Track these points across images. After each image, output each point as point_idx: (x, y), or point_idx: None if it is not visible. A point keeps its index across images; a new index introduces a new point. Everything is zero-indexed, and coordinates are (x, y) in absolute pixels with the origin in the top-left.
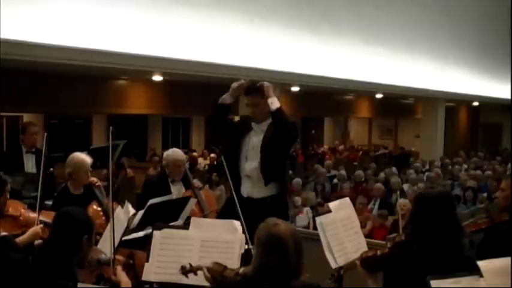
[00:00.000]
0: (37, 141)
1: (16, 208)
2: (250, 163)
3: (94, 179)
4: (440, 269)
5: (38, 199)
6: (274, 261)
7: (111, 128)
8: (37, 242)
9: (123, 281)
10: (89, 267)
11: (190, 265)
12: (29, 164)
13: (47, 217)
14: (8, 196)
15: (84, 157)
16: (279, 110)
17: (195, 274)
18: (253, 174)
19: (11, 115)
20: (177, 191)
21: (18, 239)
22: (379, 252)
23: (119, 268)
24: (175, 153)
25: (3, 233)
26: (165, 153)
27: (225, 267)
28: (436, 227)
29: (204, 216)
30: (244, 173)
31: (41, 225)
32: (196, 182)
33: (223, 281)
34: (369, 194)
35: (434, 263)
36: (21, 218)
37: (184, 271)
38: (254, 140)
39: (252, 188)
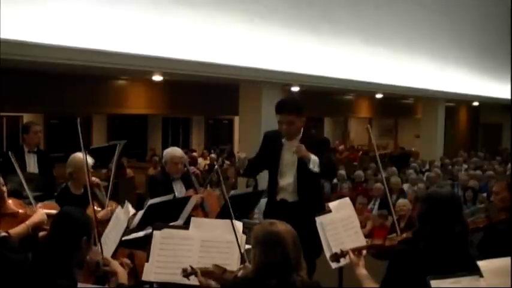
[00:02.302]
0: (40, 139)
1: (14, 206)
2: (284, 179)
3: (93, 178)
4: (446, 268)
5: (31, 197)
6: (274, 257)
7: (78, 118)
8: (42, 233)
9: (119, 272)
10: (88, 268)
11: (192, 267)
12: (31, 164)
13: (46, 208)
14: (6, 194)
15: (87, 158)
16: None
17: (196, 276)
18: (288, 188)
19: (11, 115)
20: (177, 189)
21: (25, 223)
22: (387, 243)
23: (111, 259)
24: (173, 150)
25: (3, 233)
26: (165, 151)
27: (225, 270)
28: (444, 226)
29: (206, 215)
30: (280, 186)
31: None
32: (192, 168)
33: (225, 283)
34: (369, 194)
35: (440, 261)
36: (19, 215)
37: (186, 274)
38: (287, 157)
39: (286, 195)
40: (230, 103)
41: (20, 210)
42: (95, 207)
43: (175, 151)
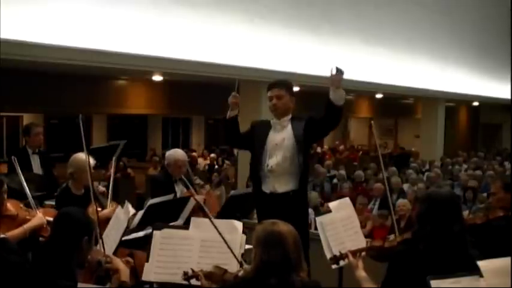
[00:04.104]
0: (42, 141)
1: (13, 207)
2: (274, 159)
3: (100, 187)
4: (446, 268)
5: (31, 200)
6: (275, 257)
7: (80, 115)
8: (42, 240)
9: (121, 269)
10: (89, 268)
11: (192, 270)
12: (35, 165)
13: (46, 214)
14: (6, 197)
15: (88, 157)
16: (341, 107)
17: (197, 280)
18: (276, 169)
19: (11, 115)
20: (179, 191)
21: (23, 227)
22: (387, 244)
23: (113, 257)
24: (176, 153)
25: (2, 235)
26: (167, 153)
27: (225, 271)
28: (443, 227)
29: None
30: (268, 169)
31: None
32: (197, 180)
33: (225, 284)
34: (369, 194)
35: (440, 261)
36: (18, 217)
37: (187, 277)
38: (276, 138)
39: (275, 182)
40: None
41: (19, 213)
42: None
43: (179, 154)
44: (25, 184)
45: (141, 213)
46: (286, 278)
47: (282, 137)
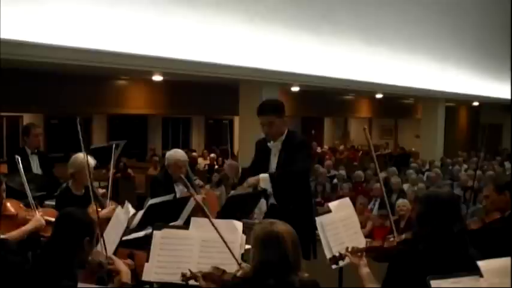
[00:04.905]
0: (40, 142)
1: (13, 208)
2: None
3: (100, 189)
4: (445, 269)
5: (31, 200)
6: (273, 257)
7: (78, 118)
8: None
9: (122, 270)
10: (89, 268)
11: (191, 271)
12: (34, 166)
13: (46, 214)
14: (5, 196)
15: (88, 158)
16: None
17: (196, 281)
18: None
19: (11, 115)
20: (179, 191)
21: (21, 229)
22: (386, 245)
23: (115, 258)
24: (177, 153)
25: (2, 236)
26: (167, 153)
27: (224, 271)
28: (443, 227)
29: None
30: (268, 192)
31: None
32: (197, 181)
33: (224, 285)
34: (369, 194)
35: (440, 262)
36: (18, 216)
37: (185, 278)
38: (273, 161)
39: (275, 200)
40: (230, 103)
41: (19, 213)
42: (95, 208)
43: (179, 155)
44: (26, 184)
45: (141, 213)
46: (284, 278)
47: (276, 162)
